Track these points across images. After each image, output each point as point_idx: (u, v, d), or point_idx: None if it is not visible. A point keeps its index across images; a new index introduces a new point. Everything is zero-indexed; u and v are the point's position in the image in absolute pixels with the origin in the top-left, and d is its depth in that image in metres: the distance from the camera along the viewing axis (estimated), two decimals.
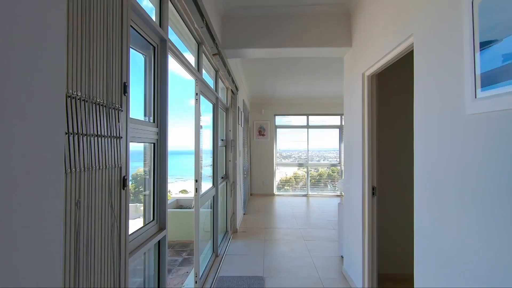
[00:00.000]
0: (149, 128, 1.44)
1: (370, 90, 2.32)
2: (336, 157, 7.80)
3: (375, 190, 2.31)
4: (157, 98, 1.53)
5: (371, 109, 2.31)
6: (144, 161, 1.53)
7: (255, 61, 4.41)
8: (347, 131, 2.81)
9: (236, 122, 4.25)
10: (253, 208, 6.05)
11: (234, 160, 4.20)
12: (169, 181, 1.59)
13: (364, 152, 2.35)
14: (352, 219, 2.66)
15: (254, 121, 7.67)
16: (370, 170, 2.31)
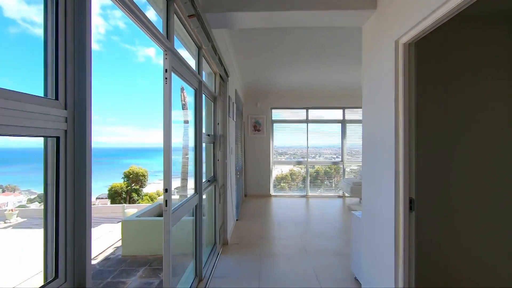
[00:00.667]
0: (40, 109, 0.76)
1: (408, 64, 1.66)
2: (337, 154, 7.17)
3: (413, 203, 1.67)
4: (67, 59, 0.85)
5: (409, 91, 1.66)
6: (45, 171, 0.85)
7: (249, 45, 3.72)
8: (369, 122, 2.16)
9: (226, 114, 3.57)
10: (248, 212, 5.40)
11: (224, 159, 3.53)
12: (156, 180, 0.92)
13: (398, 151, 1.70)
14: (377, 238, 2.02)
15: (248, 115, 6.99)
16: (407, 176, 1.66)
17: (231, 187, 4.02)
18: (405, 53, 1.66)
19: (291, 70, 4.94)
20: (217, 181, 3.31)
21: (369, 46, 2.14)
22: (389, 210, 1.78)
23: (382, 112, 1.89)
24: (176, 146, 2.84)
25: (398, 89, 1.69)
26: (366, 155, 2.27)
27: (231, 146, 4.11)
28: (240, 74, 5.21)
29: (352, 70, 4.86)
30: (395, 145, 1.71)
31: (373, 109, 2.07)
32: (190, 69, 2.20)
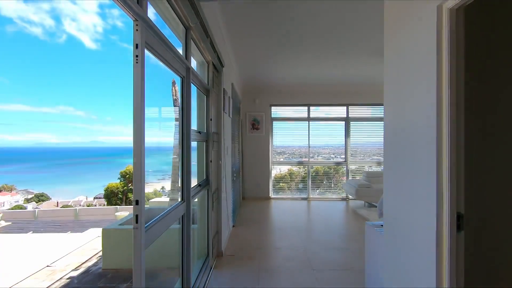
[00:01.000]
0: None
1: (455, 34, 1.25)
2: (339, 153, 6.77)
3: (461, 220, 1.26)
4: None
5: (456, 70, 1.25)
6: None
7: (247, 33, 3.32)
8: (395, 114, 1.75)
9: (220, 109, 3.16)
10: (245, 217, 4.98)
11: (217, 159, 3.12)
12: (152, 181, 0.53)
13: (442, 151, 1.29)
14: (408, 261, 1.61)
15: (246, 112, 6.58)
16: (454, 184, 1.25)
17: (227, 191, 3.61)
18: (451, 21, 1.25)
19: (292, 62, 4.53)
20: (210, 185, 2.89)
21: (397, 19, 1.73)
22: (427, 228, 1.38)
23: (416, 100, 1.48)
24: (166, 146, 2.44)
25: (442, 68, 1.28)
26: (389, 157, 1.86)
27: (227, 145, 3.70)
28: (237, 67, 4.80)
29: (359, 62, 4.46)
30: (437, 143, 1.30)
31: (401, 97, 1.66)
32: (174, 51, 1.79)
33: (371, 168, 6.67)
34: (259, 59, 4.37)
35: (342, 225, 4.52)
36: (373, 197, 5.50)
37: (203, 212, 2.93)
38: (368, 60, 4.34)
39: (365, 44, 3.70)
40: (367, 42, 3.64)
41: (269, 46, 3.84)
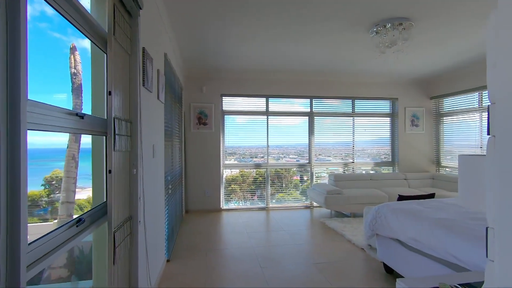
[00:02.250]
0: None
1: None
2: (304, 152, 5.84)
3: None
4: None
5: None
6: None
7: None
8: None
9: (137, 82, 1.85)
10: (187, 242, 3.67)
11: (130, 168, 1.80)
12: None
13: None
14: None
15: (191, 104, 5.24)
16: None
17: (152, 214, 2.28)
18: None
19: (247, 41, 3.38)
20: (111, 216, 1.56)
21: None
22: None
23: None
24: None
25: None
26: (494, 156, 0.81)
27: (154, 142, 2.38)
28: (178, 43, 3.47)
29: (332, 40, 3.49)
30: None
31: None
32: None
33: (337, 170, 5.88)
34: (206, 31, 3.12)
35: (314, 245, 3.52)
36: (344, 206, 4.65)
37: (100, 264, 1.60)
38: (345, 37, 3.40)
39: (343, 11, 2.73)
40: (346, 7, 2.66)
41: (215, 13, 2.63)
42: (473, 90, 4.89)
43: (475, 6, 2.68)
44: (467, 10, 2.76)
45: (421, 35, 3.35)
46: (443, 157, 5.71)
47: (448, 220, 2.10)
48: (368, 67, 4.73)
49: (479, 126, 4.88)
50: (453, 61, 4.44)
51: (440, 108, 5.75)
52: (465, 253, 1.76)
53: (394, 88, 5.81)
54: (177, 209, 3.98)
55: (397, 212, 2.44)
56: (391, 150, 5.97)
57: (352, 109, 5.81)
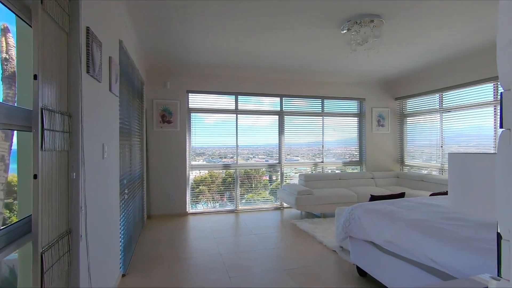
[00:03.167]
0: None
1: None
2: (273, 152, 5.70)
3: None
4: None
5: None
6: None
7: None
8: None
9: (78, 67, 1.53)
10: (147, 252, 3.33)
11: (68, 172, 1.48)
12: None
13: None
14: None
15: (154, 100, 4.85)
16: None
17: (87, 236, 1.95)
18: None
19: (216, 34, 3.13)
20: (38, 233, 1.23)
21: None
22: None
23: None
24: None
25: None
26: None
27: (104, 141, 2.05)
28: (133, 24, 3.11)
29: (303, 37, 3.37)
30: None
31: None
32: None
33: (307, 170, 5.82)
34: (165, 16, 2.82)
35: (285, 249, 3.36)
36: (315, 206, 4.58)
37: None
38: (316, 33, 3.30)
39: (314, 4, 2.60)
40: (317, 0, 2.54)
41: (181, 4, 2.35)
42: (434, 92, 5.09)
43: (443, 6, 2.70)
44: (434, 10, 2.78)
45: (390, 34, 3.35)
46: (406, 156, 5.91)
47: (422, 221, 2.04)
48: (337, 66, 4.71)
49: (439, 126, 5.10)
50: (417, 62, 4.56)
51: (404, 108, 5.95)
52: (442, 256, 1.69)
53: (362, 88, 5.89)
54: (136, 215, 3.61)
55: (371, 213, 2.35)
56: (358, 149, 6.06)
57: (321, 108, 5.80)
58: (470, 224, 1.95)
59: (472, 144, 4.64)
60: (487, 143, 4.32)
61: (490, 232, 1.78)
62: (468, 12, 2.81)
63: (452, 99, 4.87)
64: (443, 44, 3.71)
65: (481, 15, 2.87)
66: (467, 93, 4.60)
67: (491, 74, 4.12)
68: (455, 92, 4.80)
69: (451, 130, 4.93)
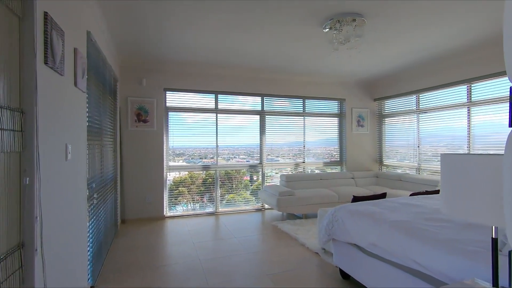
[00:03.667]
0: None
1: None
2: (254, 153, 5.60)
3: None
4: None
5: None
6: None
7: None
8: None
9: (34, 58, 1.34)
10: (121, 259, 3.11)
11: (21, 176, 1.29)
12: None
13: None
14: None
15: (128, 98, 4.59)
16: None
17: (43, 252, 1.75)
18: None
19: (194, 28, 2.98)
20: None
21: None
22: None
23: None
24: None
25: None
26: None
27: (68, 141, 1.84)
28: (103, 14, 2.89)
29: (281, 36, 3.29)
30: None
31: None
32: None
33: (287, 170, 5.77)
34: (139, 7, 2.63)
35: (267, 253, 3.27)
36: (296, 207, 4.53)
37: None
38: (298, 30, 3.23)
39: (296, 1, 2.53)
40: None
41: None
42: (412, 93, 5.21)
43: (423, 7, 2.71)
44: (415, 11, 2.79)
45: (371, 35, 3.34)
46: (385, 156, 6.02)
47: (405, 222, 2.01)
48: (319, 66, 4.69)
49: (416, 127, 5.22)
50: (396, 64, 4.63)
51: (382, 109, 6.05)
52: (426, 258, 1.66)
53: (342, 89, 5.93)
54: (108, 221, 3.37)
55: (354, 215, 2.30)
56: (339, 149, 6.09)
57: (302, 108, 5.77)
58: (452, 225, 1.94)
59: (442, 144, 4.80)
60: (461, 143, 4.46)
61: (472, 232, 1.78)
62: (446, 15, 2.85)
63: (428, 101, 5.00)
64: (421, 46, 3.77)
65: (458, 18, 2.92)
66: (442, 95, 4.73)
67: (465, 76, 4.26)
68: (431, 94, 4.93)
69: (427, 131, 5.06)
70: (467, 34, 3.35)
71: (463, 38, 3.47)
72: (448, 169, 1.03)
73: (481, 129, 4.20)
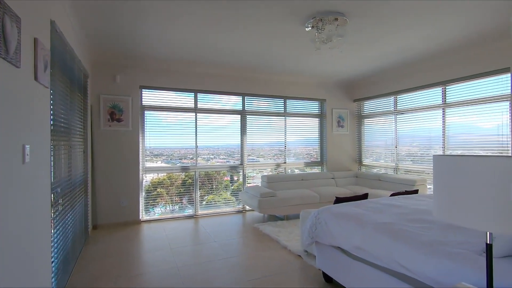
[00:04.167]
0: None
1: None
2: (235, 153, 5.48)
3: None
4: None
5: None
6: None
7: None
8: None
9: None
10: (91, 269, 2.88)
11: None
12: None
13: None
14: None
15: (100, 95, 4.32)
16: None
17: None
18: None
19: (173, 22, 2.82)
20: None
21: None
22: None
23: None
24: None
25: None
26: None
27: (28, 142, 1.64)
28: (72, 3, 2.66)
29: (262, 34, 3.21)
30: None
31: None
32: None
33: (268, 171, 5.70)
34: (116, 3, 2.44)
35: (248, 257, 3.16)
36: (278, 209, 4.46)
37: None
38: (279, 29, 3.16)
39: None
40: None
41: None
42: (390, 94, 5.31)
43: (402, 9, 2.72)
44: (394, 12, 2.80)
45: (352, 35, 3.33)
46: (364, 156, 6.11)
47: (389, 224, 1.98)
48: (300, 66, 4.65)
49: (394, 127, 5.33)
50: (375, 65, 4.69)
51: (362, 110, 6.14)
52: (412, 261, 1.62)
53: (323, 89, 5.95)
54: (77, 227, 3.12)
55: (338, 217, 2.26)
56: (320, 150, 6.11)
57: (284, 108, 5.72)
58: (434, 226, 1.93)
59: (414, 144, 4.95)
60: (432, 143, 4.60)
61: (455, 234, 1.77)
62: (424, 18, 2.88)
63: (406, 102, 5.11)
64: (400, 48, 3.82)
65: (434, 21, 2.96)
66: (419, 97, 4.85)
67: (440, 79, 4.38)
68: (408, 95, 5.05)
69: (405, 131, 5.18)
70: (442, 37, 3.43)
71: (438, 41, 3.54)
72: (441, 171, 0.97)
73: (454, 130, 4.34)
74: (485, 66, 3.78)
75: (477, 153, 4.01)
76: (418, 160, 4.94)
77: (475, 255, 1.47)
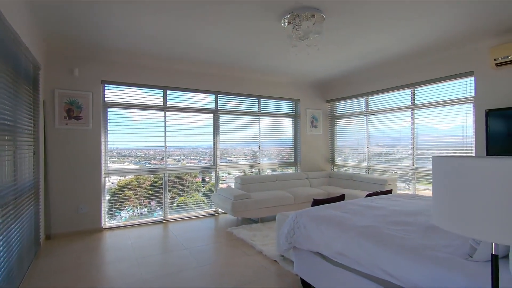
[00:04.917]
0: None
1: None
2: (206, 153, 5.24)
3: None
4: None
5: None
6: None
7: None
8: None
9: None
10: (40, 284, 2.51)
11: None
12: None
13: None
14: None
15: (55, 89, 3.88)
16: None
17: None
18: None
19: (142, 11, 2.56)
20: None
21: None
22: None
23: None
24: None
25: None
26: None
27: None
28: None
29: (237, 29, 3.04)
30: None
31: None
32: None
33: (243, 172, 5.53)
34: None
35: (222, 265, 2.97)
36: (252, 211, 4.31)
37: None
38: (254, 24, 3.01)
39: None
40: None
41: None
42: (362, 95, 5.39)
43: (377, 10, 2.70)
44: (372, 12, 2.77)
45: (328, 34, 3.28)
46: (337, 157, 6.16)
47: (371, 228, 1.91)
48: (275, 64, 4.54)
49: (366, 128, 5.42)
50: (347, 66, 4.72)
51: (334, 110, 6.19)
52: (397, 268, 1.55)
53: (297, 89, 5.91)
54: (24, 240, 2.72)
55: (317, 221, 2.15)
56: (294, 150, 6.06)
57: (258, 108, 5.59)
58: (415, 228, 1.89)
59: (385, 144, 5.08)
60: (397, 143, 4.74)
61: (438, 236, 1.73)
62: (396, 20, 2.89)
63: (377, 103, 5.21)
64: (372, 49, 3.85)
65: (405, 24, 2.99)
66: (389, 98, 4.97)
67: (410, 81, 4.51)
68: (379, 96, 5.15)
69: (376, 132, 5.29)
70: (414, 40, 3.50)
71: (410, 43, 3.61)
72: (441, 175, 0.87)
73: (421, 131, 4.49)
74: (451, 69, 3.93)
75: (441, 153, 4.17)
76: (388, 160, 5.06)
77: (461, 259, 1.42)
